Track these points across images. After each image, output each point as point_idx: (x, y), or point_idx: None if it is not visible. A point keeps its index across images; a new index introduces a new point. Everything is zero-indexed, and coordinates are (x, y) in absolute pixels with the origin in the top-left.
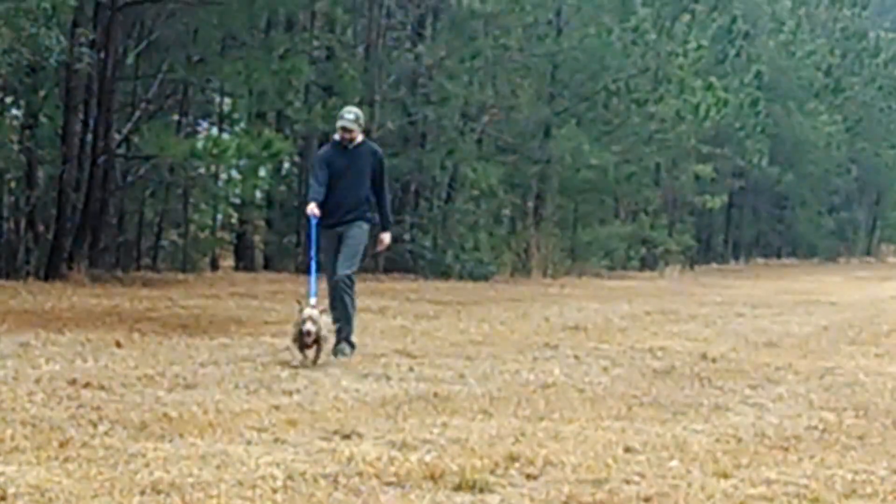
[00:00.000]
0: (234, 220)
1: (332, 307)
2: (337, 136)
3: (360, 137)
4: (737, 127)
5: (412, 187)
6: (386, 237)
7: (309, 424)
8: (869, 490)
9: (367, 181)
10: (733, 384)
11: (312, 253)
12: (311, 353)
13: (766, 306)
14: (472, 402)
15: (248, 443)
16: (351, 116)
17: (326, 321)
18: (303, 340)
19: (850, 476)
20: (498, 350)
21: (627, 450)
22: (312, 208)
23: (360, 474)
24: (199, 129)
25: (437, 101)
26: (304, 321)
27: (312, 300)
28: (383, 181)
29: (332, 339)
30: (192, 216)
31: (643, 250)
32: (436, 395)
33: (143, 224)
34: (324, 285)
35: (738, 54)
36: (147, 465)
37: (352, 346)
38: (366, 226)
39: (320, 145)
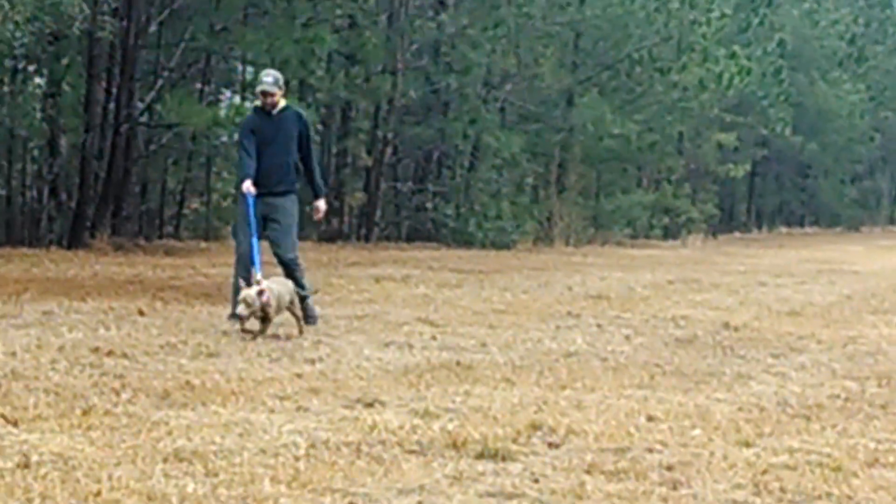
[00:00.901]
0: None
1: (241, 275)
2: (258, 102)
3: (282, 102)
4: (760, 96)
5: (434, 156)
6: (321, 204)
7: (331, 393)
8: (892, 459)
9: (294, 148)
10: (756, 353)
11: (252, 230)
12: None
13: (789, 275)
14: (494, 371)
15: (271, 411)
16: (270, 80)
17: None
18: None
19: (872, 445)
20: (520, 319)
21: (650, 418)
22: (248, 186)
23: (382, 442)
24: (222, 97)
25: (459, 69)
26: (237, 303)
27: (258, 274)
28: (310, 146)
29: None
30: (215, 185)
31: (666, 219)
32: (458, 363)
33: (166, 192)
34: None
35: (761, 23)
36: (170, 432)
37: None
38: (295, 197)
39: (342, 114)
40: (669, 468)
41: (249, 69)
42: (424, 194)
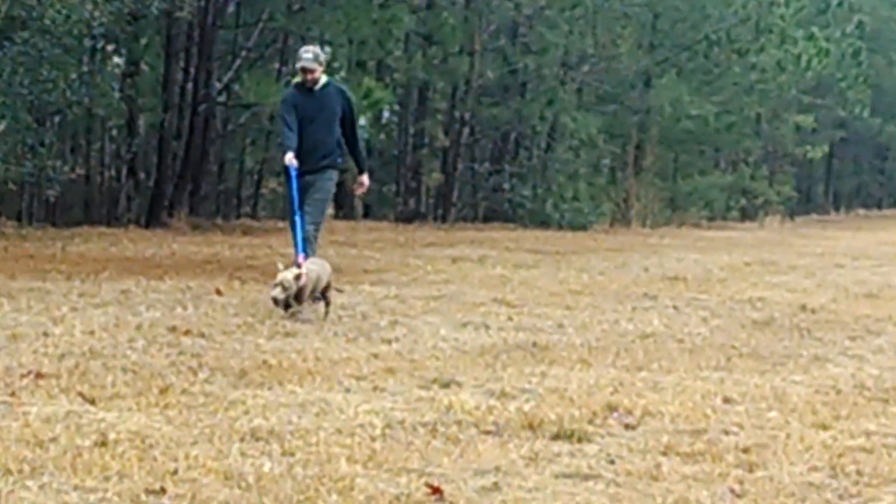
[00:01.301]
0: None
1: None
2: (298, 79)
3: (323, 78)
4: (838, 77)
5: (511, 137)
6: (365, 179)
7: (408, 373)
8: None
9: (337, 125)
10: (833, 335)
11: (296, 206)
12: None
13: (867, 257)
14: (570, 352)
15: (347, 391)
16: (309, 55)
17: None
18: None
19: None
20: (597, 300)
21: (726, 400)
22: (291, 158)
23: (458, 423)
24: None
25: (537, 50)
26: (275, 285)
27: (301, 257)
28: (354, 123)
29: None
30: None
31: (743, 201)
32: (535, 344)
33: (244, 172)
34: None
35: (840, 4)
36: (247, 412)
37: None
38: (335, 174)
39: (420, 95)
40: (745, 450)
41: (327, 49)
42: (501, 175)
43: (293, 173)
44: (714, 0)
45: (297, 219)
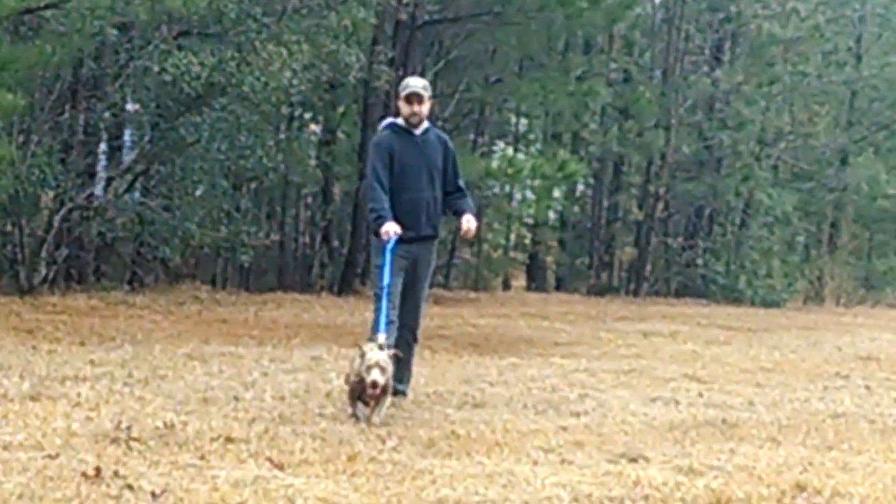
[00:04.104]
0: (527, 241)
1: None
2: (399, 120)
3: (426, 123)
4: None
5: (706, 212)
6: (471, 218)
7: (596, 446)
8: None
9: (440, 179)
10: None
11: (386, 282)
12: (368, 409)
13: None
14: (760, 430)
15: (535, 463)
16: (419, 83)
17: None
18: (364, 391)
19: None
20: (788, 378)
21: None
22: (394, 228)
23: (645, 498)
24: (495, 148)
25: (733, 125)
26: (369, 368)
27: (381, 336)
28: (458, 174)
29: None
30: (486, 235)
31: None
32: (724, 421)
33: None
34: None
35: None
36: (434, 481)
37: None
38: (436, 245)
39: (615, 168)
40: None
41: (523, 121)
42: (695, 250)
43: (391, 245)
44: None
45: (386, 294)
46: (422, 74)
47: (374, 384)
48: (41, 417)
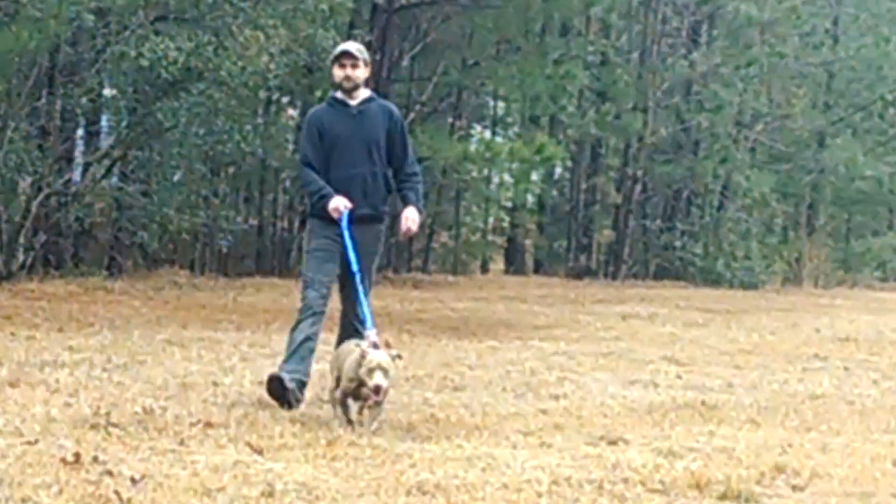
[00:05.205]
0: (505, 224)
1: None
2: (338, 94)
3: (365, 91)
4: None
5: (684, 194)
6: (413, 215)
7: (575, 429)
8: None
9: (383, 155)
10: None
11: (355, 267)
12: (364, 412)
13: None
14: (739, 412)
15: (514, 446)
16: (353, 45)
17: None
18: (358, 395)
19: None
20: (767, 360)
21: None
22: (343, 202)
23: (625, 481)
24: (473, 132)
25: (710, 108)
26: (370, 371)
27: (371, 332)
28: (406, 152)
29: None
30: (464, 219)
31: None
32: (703, 403)
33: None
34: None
35: None
36: (413, 465)
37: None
38: (384, 228)
39: (592, 151)
40: None
41: (501, 104)
42: (673, 232)
43: (346, 223)
44: (890, 60)
45: (358, 281)
46: (399, 58)
47: (378, 389)
48: (20, 403)
